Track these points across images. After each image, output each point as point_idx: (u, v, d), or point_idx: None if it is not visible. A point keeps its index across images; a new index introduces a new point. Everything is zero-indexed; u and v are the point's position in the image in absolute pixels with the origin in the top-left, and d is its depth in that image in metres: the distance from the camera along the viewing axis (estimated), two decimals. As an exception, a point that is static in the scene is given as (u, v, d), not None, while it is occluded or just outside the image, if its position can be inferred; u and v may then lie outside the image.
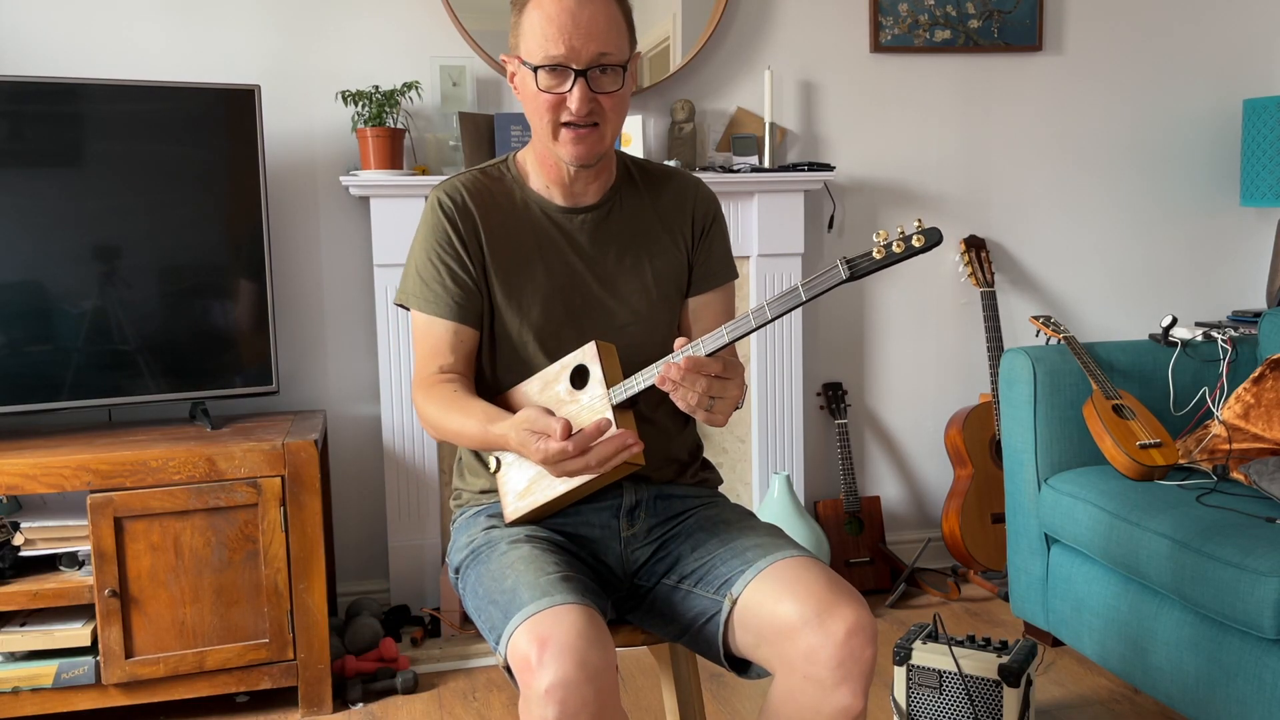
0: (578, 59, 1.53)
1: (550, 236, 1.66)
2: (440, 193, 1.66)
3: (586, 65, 1.54)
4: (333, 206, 2.97)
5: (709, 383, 1.44)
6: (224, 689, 2.45)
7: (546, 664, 1.32)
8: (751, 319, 1.45)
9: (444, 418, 1.60)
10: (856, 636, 1.41)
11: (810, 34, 3.21)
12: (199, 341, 2.63)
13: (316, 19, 2.93)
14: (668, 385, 1.44)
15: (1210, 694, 2.07)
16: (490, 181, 1.69)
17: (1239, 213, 3.55)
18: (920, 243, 1.38)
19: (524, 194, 1.68)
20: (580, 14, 1.53)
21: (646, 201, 1.71)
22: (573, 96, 1.54)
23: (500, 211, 1.66)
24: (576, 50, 1.53)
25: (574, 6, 1.53)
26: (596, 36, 1.53)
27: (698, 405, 1.44)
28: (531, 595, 1.41)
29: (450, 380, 1.62)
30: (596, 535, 1.66)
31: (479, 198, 1.66)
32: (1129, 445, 2.41)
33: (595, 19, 1.53)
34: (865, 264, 1.40)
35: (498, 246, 1.64)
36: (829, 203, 3.25)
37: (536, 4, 1.54)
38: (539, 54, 1.54)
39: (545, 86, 1.55)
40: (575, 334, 1.63)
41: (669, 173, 1.76)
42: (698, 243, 1.73)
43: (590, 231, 1.67)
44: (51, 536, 2.40)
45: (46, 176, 2.49)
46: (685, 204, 1.73)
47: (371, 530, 3.04)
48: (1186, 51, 3.47)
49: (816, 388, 3.30)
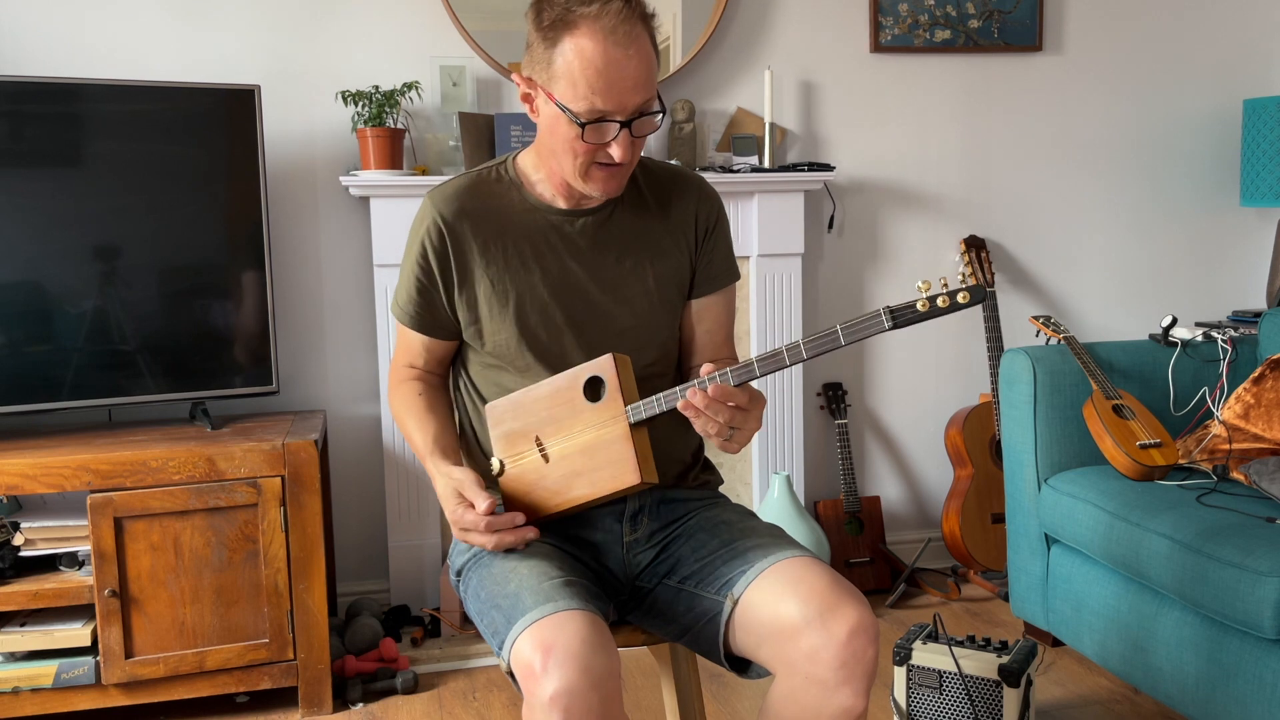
0: (624, 112, 1.49)
1: (549, 241, 1.64)
2: (430, 203, 1.64)
3: (631, 117, 1.50)
4: (333, 206, 2.97)
5: (732, 413, 1.44)
6: (224, 689, 2.45)
7: (551, 671, 1.32)
8: (785, 356, 1.43)
9: (403, 416, 1.70)
10: (859, 637, 1.41)
11: (810, 34, 3.21)
12: (199, 341, 2.63)
13: (316, 19, 2.93)
14: (690, 411, 1.44)
15: (1210, 694, 2.07)
16: (487, 186, 1.66)
17: (1239, 213, 3.55)
18: (965, 299, 1.37)
19: (522, 198, 1.65)
20: (628, 66, 1.47)
21: (649, 202, 1.69)
22: (616, 146, 1.51)
23: (496, 217, 1.64)
24: (624, 105, 1.48)
25: (621, 59, 1.46)
26: (642, 87, 1.49)
27: (717, 434, 1.45)
28: (535, 601, 1.41)
29: (418, 379, 1.72)
30: (599, 539, 1.65)
31: (473, 205, 1.63)
32: (1129, 445, 2.41)
33: (640, 70, 1.48)
34: (909, 315, 1.39)
35: (492, 255, 1.62)
36: (829, 203, 3.25)
37: (576, 48, 1.46)
38: (581, 105, 1.48)
39: (590, 139, 1.50)
40: (574, 340, 1.63)
41: (672, 172, 1.73)
42: (701, 245, 1.71)
43: (591, 235, 1.65)
44: (51, 536, 2.40)
45: (46, 176, 2.49)
46: (689, 205, 1.70)
47: (371, 530, 3.04)
48: (1186, 51, 3.47)
49: (816, 388, 3.30)
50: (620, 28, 1.45)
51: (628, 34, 1.46)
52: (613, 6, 1.46)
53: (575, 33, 1.46)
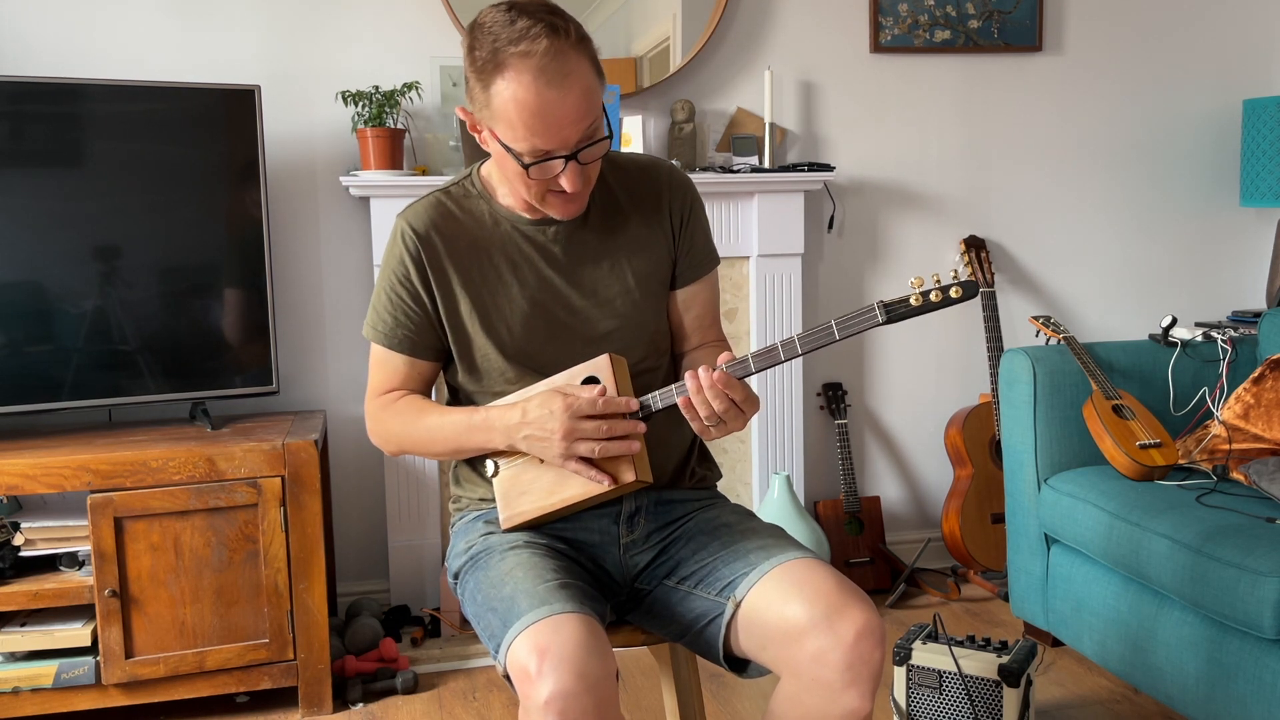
0: (566, 147, 1.46)
1: (523, 253, 1.62)
2: (404, 222, 1.62)
3: (575, 149, 1.47)
4: (333, 207, 2.97)
5: (726, 405, 1.44)
6: (224, 689, 2.45)
7: (546, 674, 1.32)
8: (780, 351, 1.44)
9: (412, 423, 1.62)
10: (866, 639, 1.40)
11: (810, 34, 3.21)
12: (199, 341, 2.63)
13: (316, 19, 2.93)
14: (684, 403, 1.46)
15: (1210, 694, 2.07)
16: (455, 202, 1.64)
17: (1239, 213, 3.55)
18: (958, 294, 1.39)
19: (492, 210, 1.63)
20: (562, 105, 1.43)
21: (619, 198, 1.67)
22: (565, 179, 1.49)
23: (468, 234, 1.62)
24: (565, 140, 1.45)
25: (555, 99, 1.42)
26: (582, 120, 1.45)
27: (706, 418, 1.45)
28: (530, 604, 1.41)
29: (410, 394, 1.66)
30: (595, 540, 1.65)
31: (443, 224, 1.62)
32: (1129, 445, 2.41)
33: (578, 105, 1.44)
34: (902, 309, 1.41)
35: (468, 271, 1.61)
36: (829, 203, 3.25)
37: (509, 91, 1.42)
38: (522, 145, 1.45)
39: (535, 176, 1.49)
40: (557, 349, 1.62)
41: (640, 165, 1.71)
42: (679, 235, 1.69)
43: (564, 241, 1.63)
44: (52, 536, 2.40)
45: (46, 176, 2.49)
46: (660, 194, 1.68)
47: (371, 530, 3.04)
48: (1186, 51, 3.47)
49: (816, 388, 3.30)
50: (550, 66, 1.41)
51: (559, 71, 1.42)
52: (540, 45, 1.41)
53: (506, 74, 1.42)
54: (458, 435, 1.60)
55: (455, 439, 1.61)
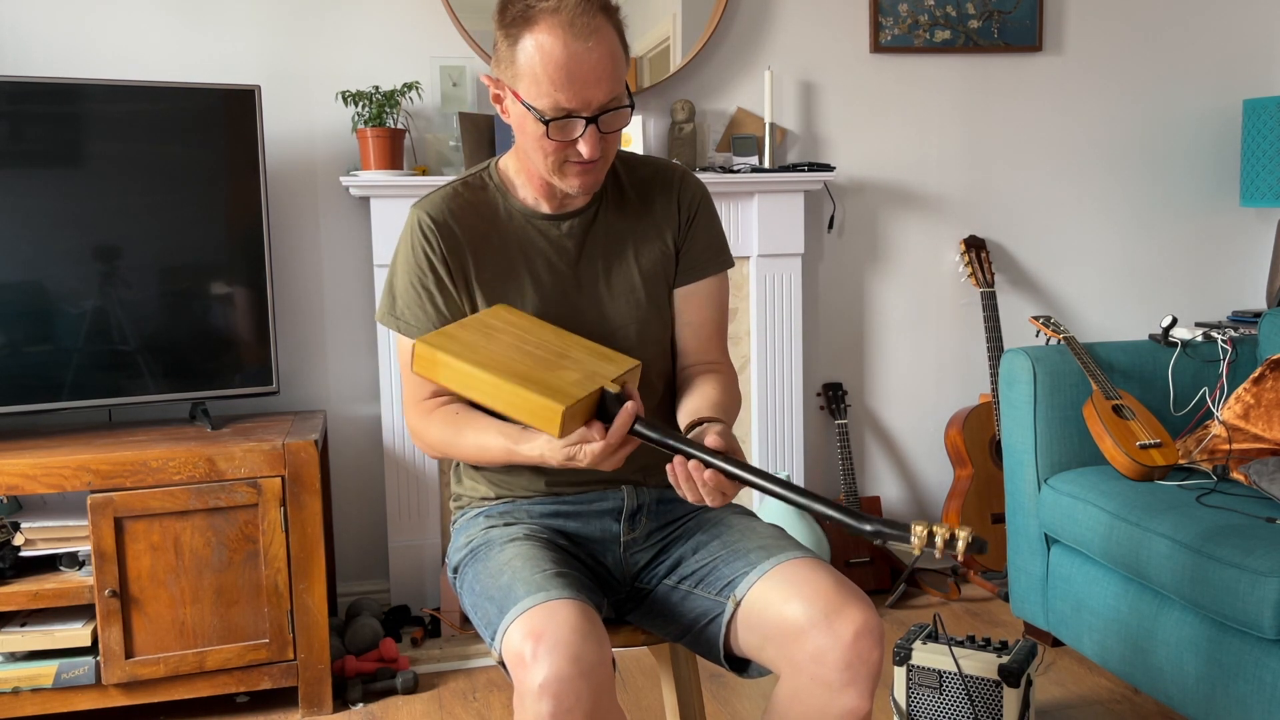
0: (588, 108, 1.46)
1: (537, 247, 1.63)
2: (420, 211, 1.62)
3: (597, 113, 1.47)
4: (333, 207, 2.97)
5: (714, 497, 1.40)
6: (224, 689, 2.45)
7: (540, 659, 1.32)
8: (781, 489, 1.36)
9: (456, 437, 1.58)
10: (864, 638, 1.41)
11: (810, 34, 3.21)
12: (199, 341, 2.63)
13: (316, 19, 2.93)
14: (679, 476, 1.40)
15: (1210, 694, 2.07)
16: (472, 194, 1.65)
17: (1239, 213, 3.55)
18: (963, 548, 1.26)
19: (508, 204, 1.64)
20: (588, 59, 1.44)
21: (632, 198, 1.67)
22: (584, 143, 1.49)
23: (484, 225, 1.63)
24: (588, 100, 1.46)
25: (582, 52, 1.43)
26: (605, 80, 1.46)
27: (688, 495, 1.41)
28: (526, 591, 1.41)
29: (448, 402, 1.62)
30: (596, 538, 1.65)
31: (461, 213, 1.62)
32: (1129, 445, 2.41)
33: (603, 63, 1.45)
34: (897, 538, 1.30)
35: (483, 262, 1.61)
36: (829, 203, 3.25)
37: (536, 44, 1.44)
38: (545, 102, 1.46)
39: (555, 136, 1.48)
40: None
41: (654, 166, 1.71)
42: (683, 230, 1.68)
43: (577, 237, 1.64)
44: (51, 536, 2.40)
45: (46, 176, 2.49)
46: (670, 194, 1.68)
47: (371, 530, 3.04)
48: (1186, 51, 3.47)
49: (816, 388, 3.30)
50: (579, 19, 1.43)
51: (587, 25, 1.44)
52: (570, 2, 1.44)
53: (535, 28, 1.44)
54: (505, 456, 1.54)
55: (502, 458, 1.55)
